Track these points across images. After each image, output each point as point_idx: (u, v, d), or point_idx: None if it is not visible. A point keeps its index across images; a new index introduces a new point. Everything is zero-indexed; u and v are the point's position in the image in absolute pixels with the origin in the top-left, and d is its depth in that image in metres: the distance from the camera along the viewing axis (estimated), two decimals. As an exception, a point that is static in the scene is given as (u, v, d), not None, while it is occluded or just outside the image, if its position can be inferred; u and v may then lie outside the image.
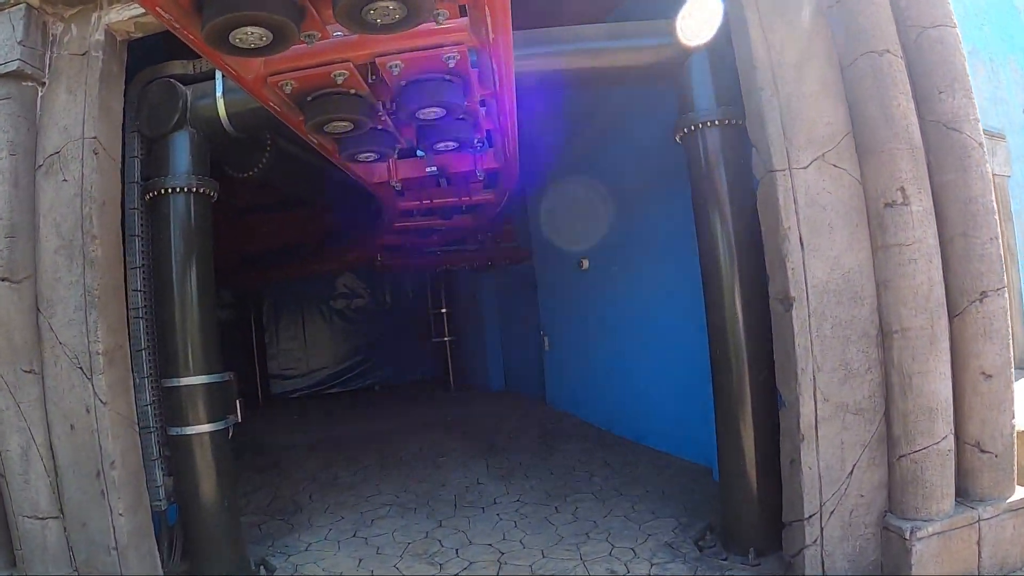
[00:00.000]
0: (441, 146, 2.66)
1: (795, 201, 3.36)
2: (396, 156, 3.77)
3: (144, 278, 3.92)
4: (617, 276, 6.65)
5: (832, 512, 3.34)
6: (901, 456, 3.31)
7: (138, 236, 3.91)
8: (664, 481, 5.20)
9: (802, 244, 3.34)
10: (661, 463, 5.69)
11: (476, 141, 3.13)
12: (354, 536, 4.64)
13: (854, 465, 3.37)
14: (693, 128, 3.86)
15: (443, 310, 10.78)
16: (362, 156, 2.81)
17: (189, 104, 3.81)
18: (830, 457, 3.33)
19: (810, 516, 3.32)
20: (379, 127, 2.75)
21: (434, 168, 3.74)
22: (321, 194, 6.67)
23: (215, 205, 3.97)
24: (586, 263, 7.20)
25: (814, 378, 3.29)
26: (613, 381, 6.86)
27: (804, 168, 3.41)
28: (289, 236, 9.09)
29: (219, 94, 3.81)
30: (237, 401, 4.25)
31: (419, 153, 3.53)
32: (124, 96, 3.80)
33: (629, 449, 6.23)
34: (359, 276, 12.60)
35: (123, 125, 3.81)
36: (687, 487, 5.01)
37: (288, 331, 12.46)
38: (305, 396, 12.21)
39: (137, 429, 3.80)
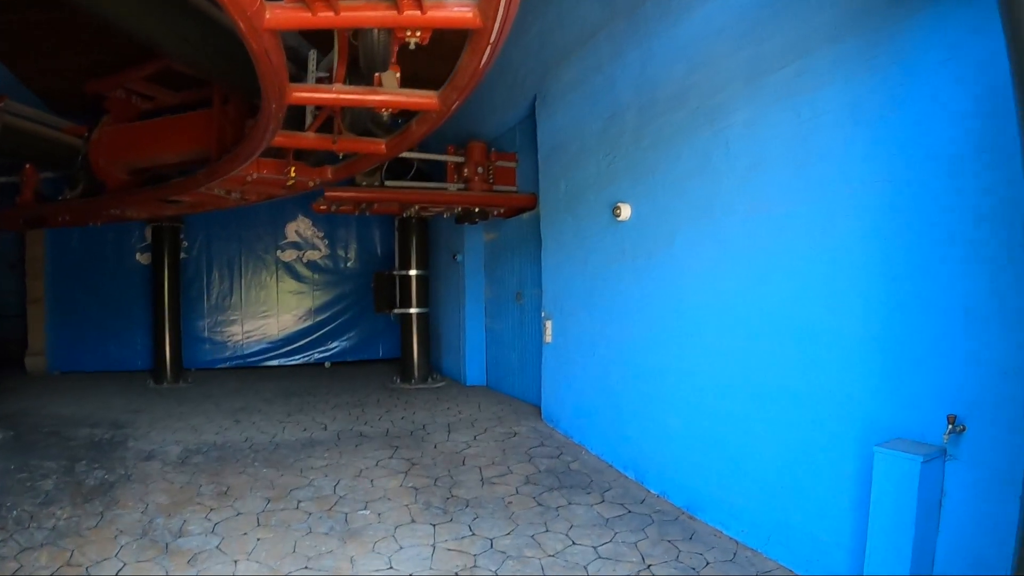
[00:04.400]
0: None
1: None
2: None
3: None
4: (679, 232, 3.97)
5: None
6: None
7: None
8: (770, 636, 2.62)
9: None
10: (748, 576, 3.10)
11: None
12: None
13: None
14: None
15: (411, 272, 8.05)
16: None
17: None
18: None
19: None
20: None
21: None
22: (191, 45, 3.87)
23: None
24: (625, 211, 4.48)
25: None
26: (655, 403, 4.24)
27: None
28: (196, 147, 6.32)
29: None
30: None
31: None
32: None
33: (678, 528, 3.63)
34: (316, 223, 10.10)
35: None
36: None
37: (221, 284, 9.89)
38: (236, 367, 9.74)
39: None
